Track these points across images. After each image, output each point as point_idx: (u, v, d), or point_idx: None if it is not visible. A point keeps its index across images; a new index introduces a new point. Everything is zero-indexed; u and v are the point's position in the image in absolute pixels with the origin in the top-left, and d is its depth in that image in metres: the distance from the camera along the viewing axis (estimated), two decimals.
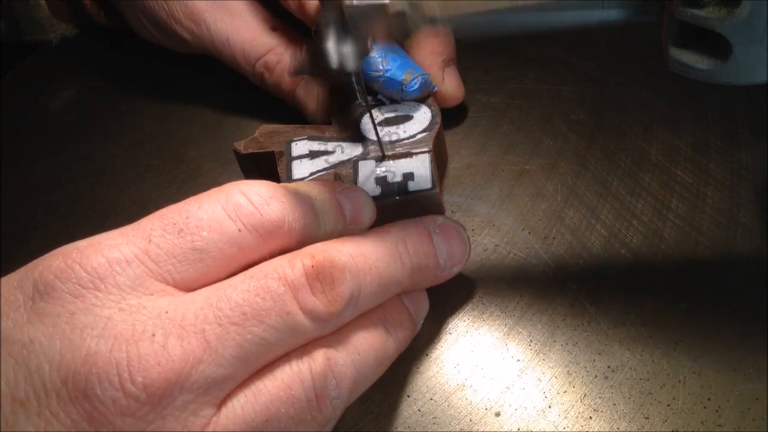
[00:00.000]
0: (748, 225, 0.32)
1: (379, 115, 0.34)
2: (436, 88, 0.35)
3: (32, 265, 0.22)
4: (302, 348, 0.23)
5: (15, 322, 0.21)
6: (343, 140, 0.34)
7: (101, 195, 0.38)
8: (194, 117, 0.41)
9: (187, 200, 0.24)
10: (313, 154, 0.33)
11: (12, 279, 0.22)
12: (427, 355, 0.30)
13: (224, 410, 0.21)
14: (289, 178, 0.33)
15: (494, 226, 0.34)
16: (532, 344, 0.29)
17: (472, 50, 0.40)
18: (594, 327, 0.30)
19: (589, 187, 0.35)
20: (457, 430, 0.27)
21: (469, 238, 0.29)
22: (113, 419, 0.20)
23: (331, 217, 0.26)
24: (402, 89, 0.34)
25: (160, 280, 0.22)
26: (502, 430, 0.27)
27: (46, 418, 0.20)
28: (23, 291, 0.21)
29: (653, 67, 0.37)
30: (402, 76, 0.34)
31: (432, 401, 0.28)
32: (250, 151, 0.33)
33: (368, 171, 0.32)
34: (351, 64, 0.26)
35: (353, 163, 0.32)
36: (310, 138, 0.34)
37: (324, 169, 0.33)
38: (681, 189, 0.34)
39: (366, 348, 0.25)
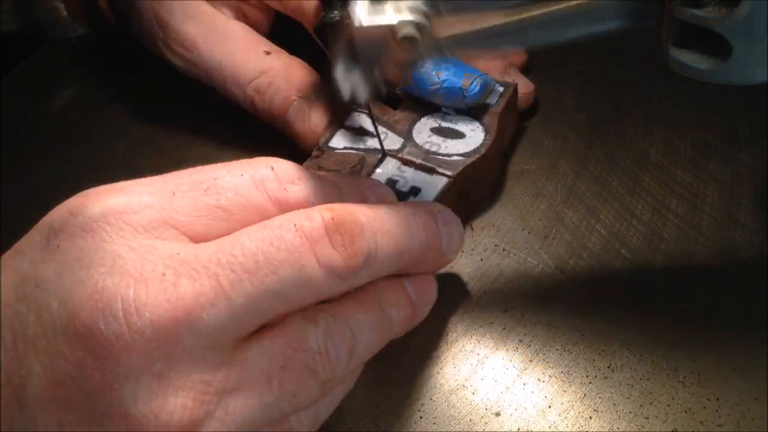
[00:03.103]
0: (748, 225, 0.32)
1: (434, 123, 0.34)
2: (500, 87, 0.35)
3: (54, 209, 0.22)
4: (306, 309, 0.23)
5: (31, 262, 0.21)
6: (394, 130, 0.34)
7: None
8: (194, 117, 0.41)
9: (216, 165, 0.24)
10: (360, 131, 0.34)
11: (35, 226, 0.22)
12: (426, 355, 0.30)
13: (237, 355, 0.21)
14: (326, 144, 0.34)
15: (494, 226, 0.34)
16: (532, 344, 0.29)
17: None
18: (594, 327, 0.30)
19: (589, 187, 0.35)
20: (456, 430, 0.27)
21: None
22: (118, 355, 0.19)
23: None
24: (464, 95, 0.33)
25: (175, 228, 0.21)
26: (502, 430, 0.27)
27: (52, 356, 0.19)
28: (40, 231, 0.22)
29: (653, 67, 0.37)
30: (460, 81, 0.33)
31: (432, 401, 0.28)
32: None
33: (389, 169, 0.32)
34: (362, 94, 0.26)
35: (381, 156, 0.33)
36: (370, 115, 0.34)
37: (356, 149, 0.33)
38: (681, 189, 0.34)
39: (363, 318, 0.24)
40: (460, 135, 0.33)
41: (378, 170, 0.33)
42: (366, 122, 0.34)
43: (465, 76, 0.33)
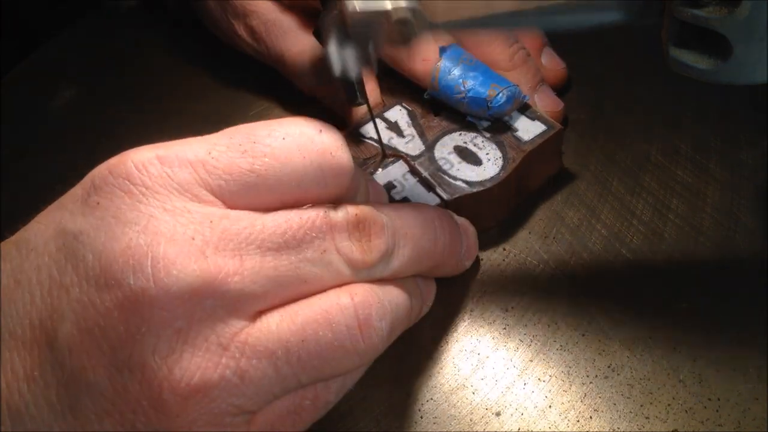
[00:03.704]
0: (749, 225, 0.32)
1: (461, 141, 0.33)
2: (527, 98, 0.34)
3: (96, 167, 0.23)
4: (340, 286, 0.23)
5: (71, 213, 0.22)
6: (422, 136, 0.34)
7: None
8: (194, 117, 0.41)
9: (258, 123, 0.24)
10: (392, 126, 0.34)
11: (81, 181, 0.23)
12: (427, 355, 0.30)
13: (257, 324, 0.22)
14: (356, 128, 0.34)
15: (494, 225, 0.34)
16: (533, 344, 0.29)
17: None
18: (594, 327, 0.30)
19: (590, 187, 0.35)
20: (457, 430, 0.27)
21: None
22: (142, 309, 0.20)
23: (363, 194, 0.27)
24: (488, 106, 0.32)
25: (209, 190, 0.22)
26: (502, 430, 0.27)
27: (83, 305, 0.20)
28: (83, 186, 0.23)
29: (653, 66, 0.37)
30: (486, 92, 0.32)
31: (432, 401, 0.28)
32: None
33: (395, 172, 0.32)
34: (353, 70, 0.26)
35: (395, 158, 0.33)
36: (410, 114, 0.34)
37: (378, 142, 0.33)
38: (681, 189, 0.34)
39: (397, 297, 0.25)
40: (477, 161, 0.32)
41: (385, 170, 0.33)
42: (403, 118, 0.35)
43: (491, 86, 0.32)
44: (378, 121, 0.35)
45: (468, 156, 0.33)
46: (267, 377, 0.21)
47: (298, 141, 0.23)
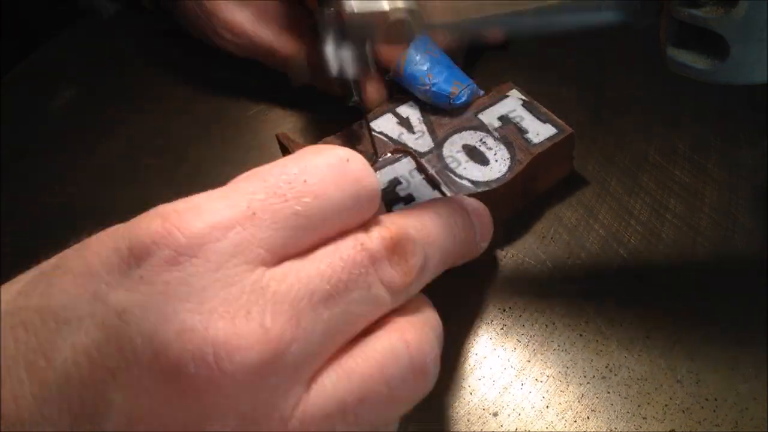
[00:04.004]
0: (747, 225, 0.32)
1: (471, 140, 0.33)
2: (483, 93, 0.35)
3: (128, 226, 0.21)
4: (384, 322, 0.23)
5: (108, 286, 0.20)
6: (432, 132, 0.34)
7: (101, 195, 0.38)
8: (195, 117, 0.41)
9: (284, 161, 0.23)
10: (403, 122, 0.34)
11: (106, 238, 0.21)
12: None
13: (315, 388, 0.21)
14: (369, 117, 0.34)
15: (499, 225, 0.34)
16: (530, 344, 0.29)
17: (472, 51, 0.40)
18: (592, 327, 0.30)
19: (588, 187, 0.35)
20: (454, 430, 0.27)
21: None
22: (206, 397, 0.19)
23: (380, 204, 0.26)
24: (449, 102, 0.34)
25: (258, 247, 0.21)
26: (499, 430, 0.27)
27: (136, 392, 0.19)
28: (118, 252, 0.20)
29: (652, 66, 0.37)
30: (449, 89, 0.34)
31: (429, 401, 0.28)
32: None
33: (401, 168, 0.33)
34: (350, 70, 0.26)
35: (405, 153, 0.33)
36: (422, 110, 0.34)
37: (388, 138, 0.33)
38: (679, 189, 0.34)
39: (437, 322, 0.24)
40: (484, 161, 0.32)
41: (392, 165, 0.32)
42: (414, 114, 0.35)
43: (455, 83, 0.34)
44: (390, 116, 0.35)
45: (476, 155, 0.33)
46: None
47: (332, 173, 0.22)
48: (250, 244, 0.21)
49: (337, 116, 0.37)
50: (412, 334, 0.23)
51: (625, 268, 0.31)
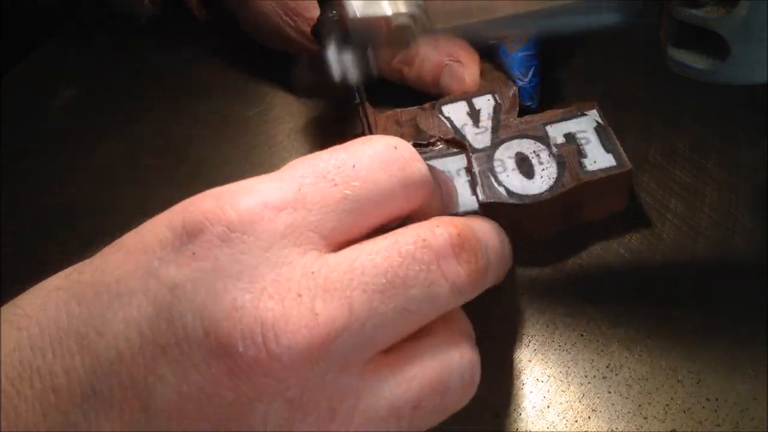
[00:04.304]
0: (747, 225, 0.32)
1: (528, 149, 0.32)
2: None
3: (182, 205, 0.21)
4: (436, 330, 0.22)
5: (161, 261, 0.20)
6: (495, 131, 0.33)
7: (101, 195, 0.38)
8: (195, 117, 0.41)
9: (333, 149, 0.23)
10: (473, 114, 0.34)
11: (162, 217, 0.21)
12: None
13: (369, 385, 0.20)
14: (440, 105, 0.34)
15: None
16: (531, 344, 0.29)
17: None
18: (592, 327, 0.30)
19: None
20: (455, 430, 0.27)
21: None
22: (253, 378, 0.19)
23: (438, 197, 0.26)
24: (528, 103, 0.35)
25: (309, 230, 0.21)
26: (500, 430, 0.27)
27: (185, 368, 0.19)
28: (172, 229, 0.21)
29: (652, 66, 0.37)
30: (532, 97, 0.36)
31: None
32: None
33: (450, 164, 0.32)
34: (353, 74, 0.26)
35: (461, 148, 0.32)
36: (496, 107, 0.34)
37: (452, 124, 0.33)
38: (679, 189, 0.34)
39: (470, 328, 0.24)
40: (530, 174, 0.31)
41: (443, 159, 0.32)
42: (486, 109, 0.34)
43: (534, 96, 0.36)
44: (463, 104, 0.34)
45: (524, 166, 0.31)
46: None
47: (380, 159, 0.22)
48: (300, 226, 0.21)
49: (337, 116, 0.37)
50: (467, 352, 0.22)
51: (626, 267, 0.31)
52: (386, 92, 0.37)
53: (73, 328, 0.20)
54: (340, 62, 0.26)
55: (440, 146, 0.33)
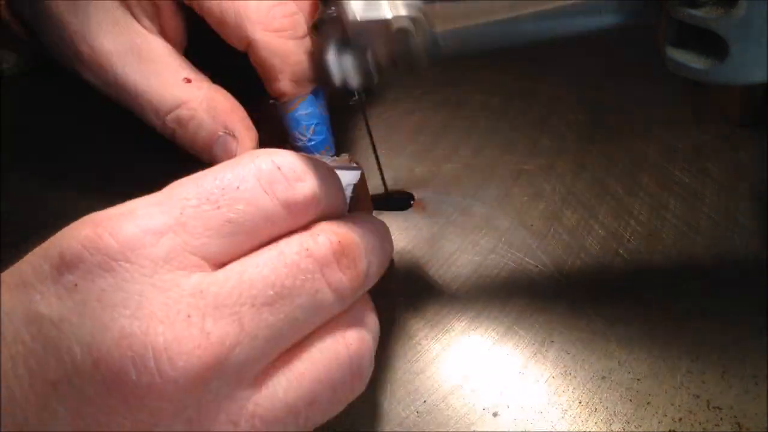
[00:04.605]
0: (747, 225, 0.32)
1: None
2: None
3: (59, 235, 0.21)
4: (332, 328, 0.23)
5: (43, 296, 0.20)
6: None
7: (101, 195, 0.38)
8: None
9: (220, 167, 0.23)
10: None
11: (38, 249, 0.21)
12: (424, 355, 0.30)
13: (264, 391, 0.21)
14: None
15: (492, 226, 0.34)
16: (530, 345, 0.29)
17: None
18: (592, 327, 0.30)
19: (587, 188, 0.35)
20: (455, 430, 0.27)
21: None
22: (150, 404, 0.19)
23: (342, 203, 0.26)
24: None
25: (192, 253, 0.21)
26: (500, 430, 0.27)
27: (78, 402, 0.19)
28: (49, 260, 0.20)
29: (651, 66, 0.37)
30: (320, 151, 0.35)
31: (429, 402, 0.28)
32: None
33: (348, 178, 0.31)
34: (354, 80, 0.26)
35: (358, 167, 0.32)
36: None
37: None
38: (679, 189, 0.34)
39: (375, 324, 0.25)
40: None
41: (343, 171, 0.31)
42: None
43: (325, 148, 0.35)
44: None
45: None
46: None
47: (265, 180, 0.22)
48: (183, 251, 0.21)
49: (337, 116, 0.37)
50: (354, 342, 0.23)
51: (626, 268, 0.31)
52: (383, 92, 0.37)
53: None
54: (340, 67, 0.26)
55: (341, 157, 0.33)
